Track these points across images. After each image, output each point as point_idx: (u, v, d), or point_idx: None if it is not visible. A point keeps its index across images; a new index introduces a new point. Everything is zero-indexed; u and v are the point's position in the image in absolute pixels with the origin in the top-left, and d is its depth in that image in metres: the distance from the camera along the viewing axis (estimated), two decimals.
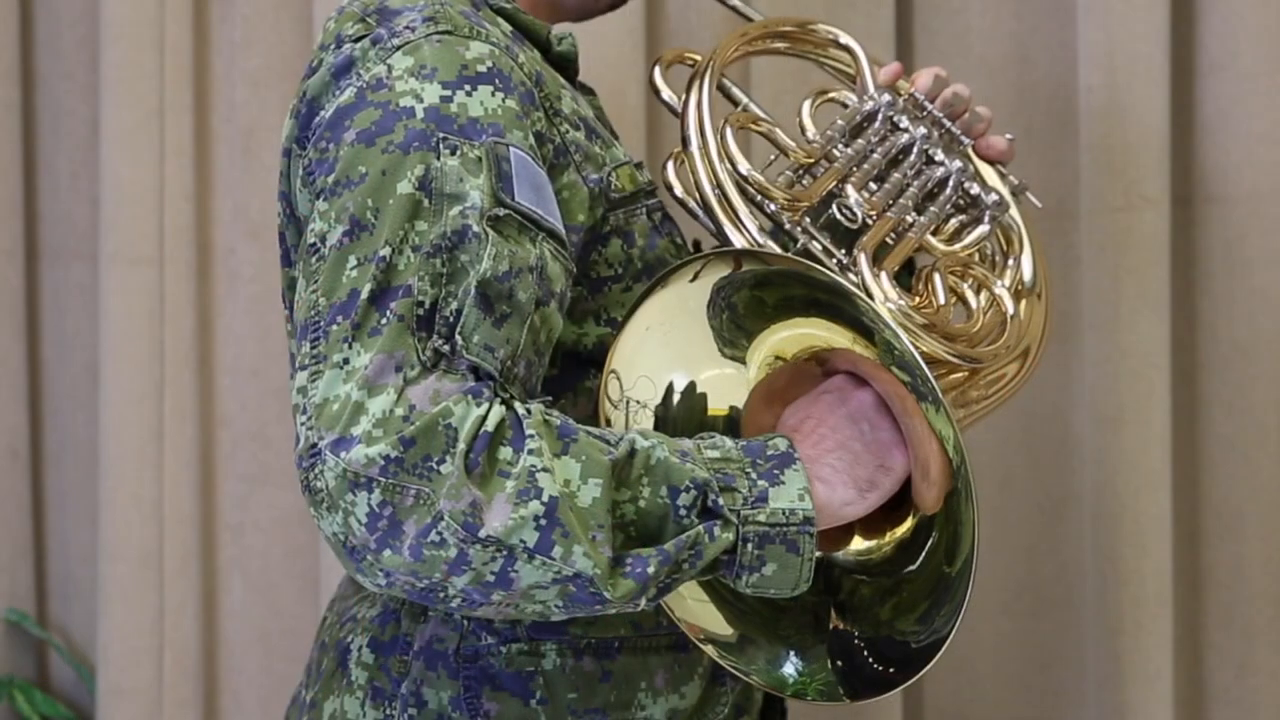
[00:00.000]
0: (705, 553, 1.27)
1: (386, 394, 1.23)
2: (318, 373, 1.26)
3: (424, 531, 1.21)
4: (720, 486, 1.27)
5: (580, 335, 1.45)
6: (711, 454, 1.30)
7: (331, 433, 1.23)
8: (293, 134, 1.43)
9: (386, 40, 1.37)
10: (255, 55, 2.29)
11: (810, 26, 1.68)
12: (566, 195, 1.39)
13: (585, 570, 1.23)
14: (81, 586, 2.40)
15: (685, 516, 1.27)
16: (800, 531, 1.28)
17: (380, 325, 1.25)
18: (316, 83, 1.40)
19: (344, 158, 1.32)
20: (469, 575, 1.22)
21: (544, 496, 1.21)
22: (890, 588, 1.38)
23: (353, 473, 1.21)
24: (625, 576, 1.24)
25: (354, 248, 1.29)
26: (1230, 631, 2.14)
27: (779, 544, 1.28)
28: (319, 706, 1.49)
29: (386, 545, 1.22)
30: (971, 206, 1.56)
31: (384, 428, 1.21)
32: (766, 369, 1.41)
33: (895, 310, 1.38)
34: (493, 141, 1.32)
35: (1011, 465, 2.19)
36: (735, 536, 1.27)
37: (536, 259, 1.31)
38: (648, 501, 1.26)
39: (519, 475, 1.22)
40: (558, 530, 1.22)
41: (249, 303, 2.32)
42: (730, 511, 1.27)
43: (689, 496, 1.27)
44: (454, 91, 1.33)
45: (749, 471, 1.29)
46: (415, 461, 1.21)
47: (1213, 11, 2.11)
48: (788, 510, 1.28)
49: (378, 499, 1.21)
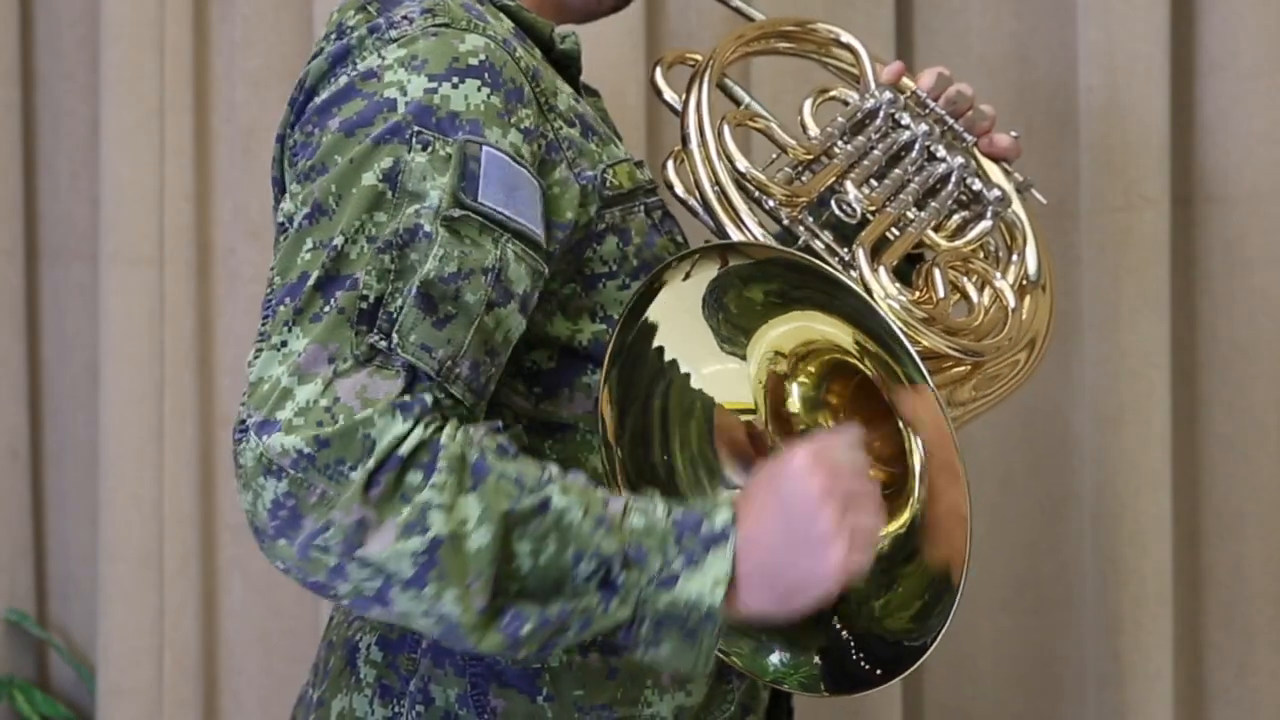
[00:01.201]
0: (595, 622, 1.27)
1: (314, 383, 1.24)
2: (259, 350, 1.28)
3: (314, 534, 1.23)
4: (627, 562, 1.27)
5: (575, 331, 1.45)
6: (636, 522, 1.28)
7: (259, 413, 1.25)
8: (287, 120, 1.44)
9: (384, 31, 1.38)
10: (255, 55, 2.29)
11: (810, 26, 1.68)
12: (557, 191, 1.39)
13: (452, 616, 1.24)
14: (81, 586, 2.40)
15: (583, 585, 1.26)
16: (702, 624, 1.27)
17: (321, 312, 1.27)
18: (315, 70, 1.41)
19: (325, 144, 1.34)
20: (349, 586, 1.25)
21: (429, 534, 1.23)
22: (885, 583, 1.38)
23: (268, 459, 1.23)
24: (497, 630, 1.25)
25: (312, 230, 1.30)
26: (1230, 631, 2.14)
27: (675, 629, 1.28)
28: (327, 705, 1.48)
29: (283, 535, 1.24)
30: (974, 202, 1.56)
31: (305, 417, 1.23)
32: (767, 364, 1.41)
33: (895, 306, 1.39)
34: (465, 140, 1.33)
35: (1011, 464, 2.19)
36: (630, 614, 1.27)
37: (495, 260, 1.31)
38: (549, 560, 1.26)
39: (414, 506, 1.23)
40: (434, 570, 1.23)
41: (249, 303, 2.32)
42: (632, 587, 1.27)
43: (590, 566, 1.26)
44: (439, 84, 1.34)
45: (668, 549, 1.28)
46: (328, 462, 1.23)
47: (1213, 11, 2.12)
48: (692, 601, 1.27)
49: (284, 489, 1.23)
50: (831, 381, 1.45)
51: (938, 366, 1.41)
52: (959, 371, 1.44)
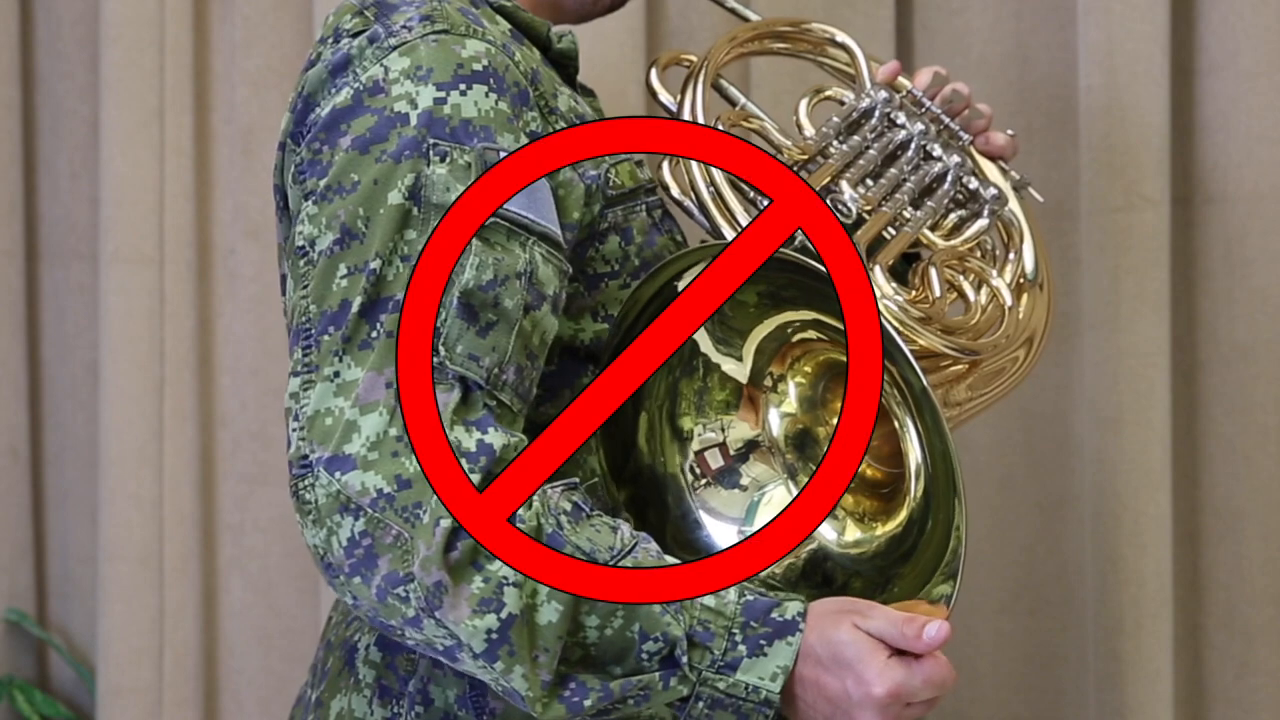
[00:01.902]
0: (654, 698, 1.29)
1: (379, 413, 1.25)
2: (309, 382, 1.28)
3: (394, 580, 1.25)
4: (691, 644, 1.28)
5: (577, 331, 1.45)
6: (707, 601, 1.29)
7: (324, 448, 1.25)
8: (288, 128, 1.43)
9: (383, 39, 1.38)
10: (255, 55, 2.29)
11: (805, 26, 1.69)
12: (562, 193, 1.39)
13: (519, 690, 1.26)
14: (81, 586, 2.40)
15: (646, 660, 1.28)
16: (756, 709, 1.29)
17: (370, 339, 1.28)
18: (314, 78, 1.40)
19: (338, 164, 1.33)
20: (421, 636, 1.27)
21: (503, 613, 1.24)
22: (880, 584, 1.38)
23: (345, 496, 1.24)
24: (560, 700, 1.26)
25: (344, 256, 1.30)
26: (1230, 631, 2.14)
27: (730, 713, 1.29)
28: (325, 705, 1.48)
29: (359, 574, 1.25)
30: (970, 201, 1.56)
31: (379, 450, 1.24)
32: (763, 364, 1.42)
33: (891, 305, 1.39)
34: (483, 147, 1.33)
35: (1011, 465, 2.19)
36: (690, 692, 1.28)
37: (525, 264, 1.32)
38: (615, 633, 1.28)
39: (489, 579, 1.24)
40: (504, 648, 1.24)
41: (249, 303, 2.32)
42: (692, 669, 1.28)
43: (655, 645, 1.28)
44: (448, 93, 1.34)
45: (734, 633, 1.29)
46: (405, 505, 1.24)
47: (1213, 11, 2.11)
48: (751, 686, 1.28)
49: (360, 528, 1.24)
50: (828, 381, 1.45)
51: (934, 365, 1.41)
52: (956, 370, 1.44)
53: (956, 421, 1.45)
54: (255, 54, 2.29)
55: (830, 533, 1.42)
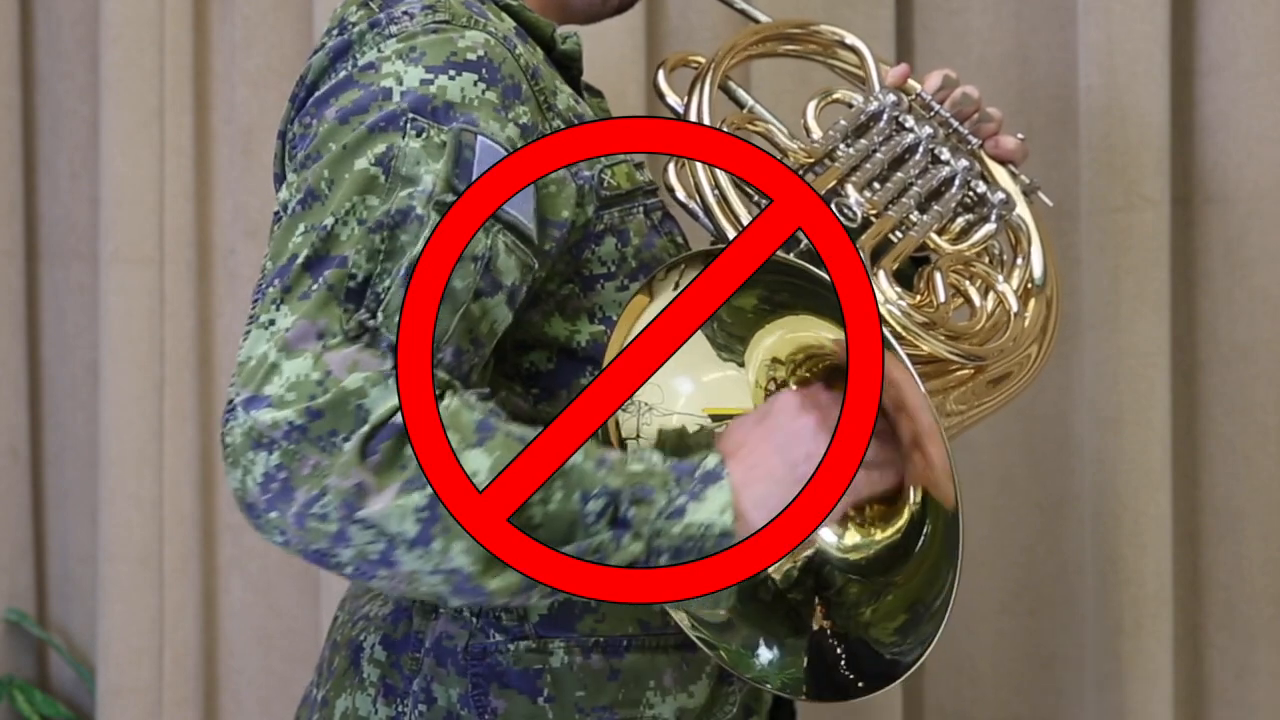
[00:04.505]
0: (610, 560, 1.27)
1: (303, 358, 1.23)
2: (248, 332, 1.27)
3: (310, 502, 1.22)
4: (634, 499, 1.28)
5: (573, 333, 1.45)
6: (635, 467, 1.29)
7: (246, 390, 1.23)
8: (288, 116, 1.45)
9: (384, 26, 1.38)
10: (255, 55, 2.29)
11: (814, 28, 1.68)
12: (553, 190, 1.39)
13: (462, 567, 1.24)
14: (81, 586, 2.40)
15: (594, 524, 1.27)
16: (717, 546, 1.28)
17: (310, 290, 1.26)
18: (316, 65, 1.42)
19: (320, 133, 1.34)
20: (352, 550, 1.23)
21: (429, 489, 1.22)
22: (877, 590, 1.38)
23: (257, 431, 1.22)
24: (511, 570, 1.25)
25: (304, 216, 1.30)
26: (1230, 631, 2.14)
27: (694, 558, 1.28)
28: (330, 704, 1.49)
29: (274, 507, 1.23)
30: (978, 205, 1.55)
31: (296, 391, 1.22)
32: (766, 370, 1.41)
33: (895, 310, 1.38)
34: (461, 128, 1.32)
35: (1011, 465, 2.19)
36: (644, 548, 1.27)
37: (485, 249, 1.31)
38: (557, 505, 1.26)
39: (412, 467, 1.23)
40: (438, 525, 1.22)
41: (249, 303, 2.32)
42: (641, 523, 1.27)
43: (598, 504, 1.27)
44: (436, 75, 1.34)
45: (670, 487, 1.29)
46: (320, 434, 1.22)
47: (1213, 11, 2.12)
48: (704, 524, 1.28)
49: (275, 461, 1.22)
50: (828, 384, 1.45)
51: (939, 371, 1.41)
52: (961, 375, 1.44)
53: (959, 428, 1.44)
54: (255, 54, 2.29)
55: (829, 537, 1.42)
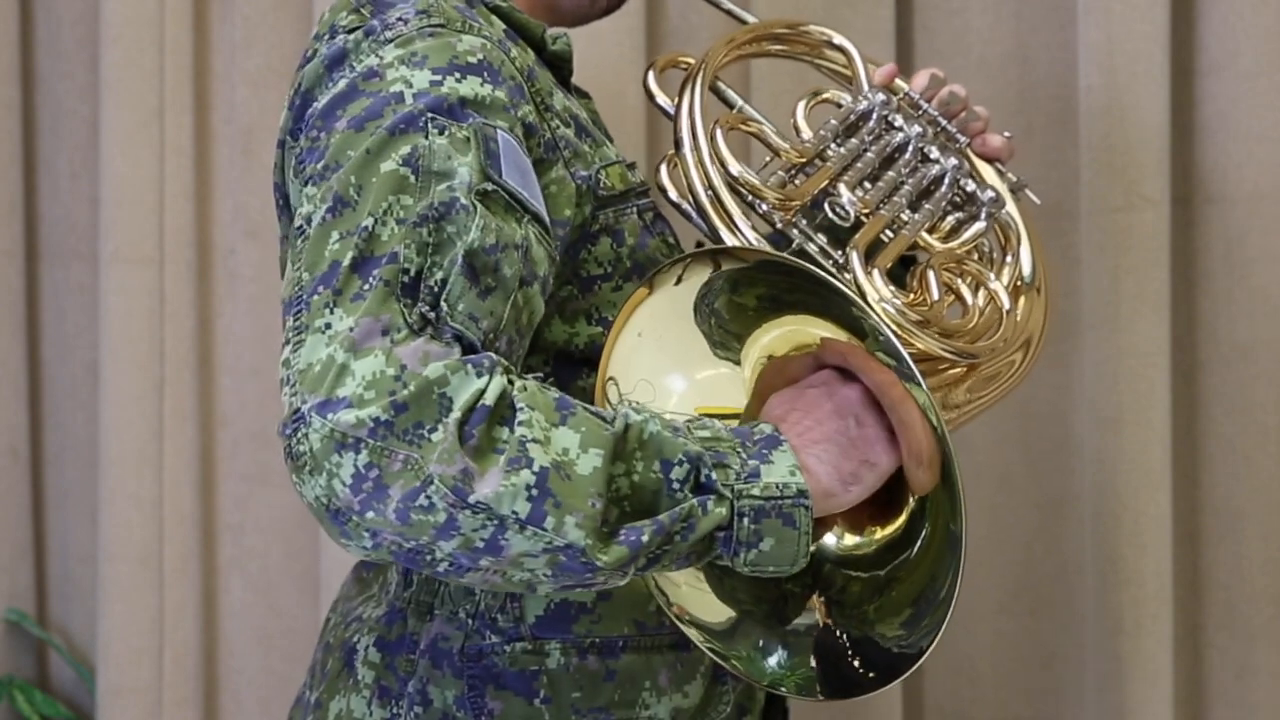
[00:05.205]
0: (698, 526, 1.25)
1: (374, 356, 1.20)
2: (300, 341, 1.23)
3: (411, 495, 1.18)
4: (713, 463, 1.26)
5: (571, 335, 1.45)
6: (702, 433, 1.29)
7: (315, 395, 1.20)
8: (287, 125, 1.43)
9: (379, 32, 1.38)
10: (255, 55, 2.29)
11: (802, 28, 1.68)
12: (554, 190, 1.39)
13: (576, 541, 1.21)
14: (81, 586, 2.40)
15: (679, 490, 1.25)
16: (795, 504, 1.27)
17: (364, 291, 1.23)
18: (310, 74, 1.40)
19: (334, 144, 1.32)
20: (457, 540, 1.20)
21: (535, 466, 1.19)
22: (880, 586, 1.38)
23: (340, 433, 1.18)
24: (618, 542, 1.23)
25: (336, 223, 1.27)
26: (1230, 631, 2.14)
27: (775, 518, 1.27)
28: (324, 707, 1.49)
29: (370, 507, 1.19)
30: (968, 204, 1.56)
31: (375, 389, 1.19)
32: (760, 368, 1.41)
33: (889, 309, 1.39)
34: (480, 123, 1.32)
35: (1011, 465, 2.19)
36: (729, 511, 1.26)
37: (522, 238, 1.30)
38: (641, 476, 1.24)
39: (510, 443, 1.20)
40: (549, 501, 1.20)
41: (249, 303, 2.32)
42: (724, 486, 1.26)
43: (682, 470, 1.25)
44: (444, 77, 1.33)
45: (739, 451, 1.28)
46: (406, 427, 1.18)
47: (1213, 11, 2.11)
48: (781, 484, 1.27)
49: (364, 460, 1.18)
50: None
51: (933, 369, 1.41)
52: (954, 373, 1.44)
53: (954, 425, 1.44)
54: (255, 54, 2.29)
55: (829, 536, 1.42)
